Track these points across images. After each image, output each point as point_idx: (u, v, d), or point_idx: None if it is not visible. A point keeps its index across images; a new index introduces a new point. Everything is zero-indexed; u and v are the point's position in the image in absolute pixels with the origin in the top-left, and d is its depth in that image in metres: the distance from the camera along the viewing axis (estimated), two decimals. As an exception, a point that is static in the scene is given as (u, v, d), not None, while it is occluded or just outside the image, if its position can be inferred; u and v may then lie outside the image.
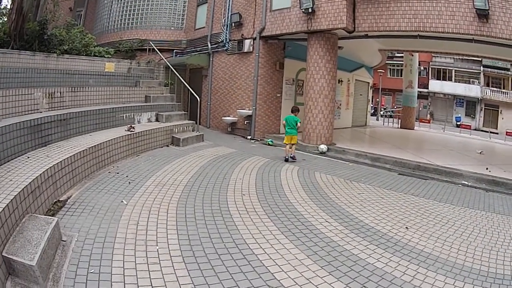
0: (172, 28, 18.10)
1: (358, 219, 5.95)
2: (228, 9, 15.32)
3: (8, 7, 12.31)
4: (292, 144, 10.38)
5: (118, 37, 18.34)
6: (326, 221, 5.73)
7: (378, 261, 4.51)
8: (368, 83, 23.80)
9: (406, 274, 4.24)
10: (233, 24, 15.05)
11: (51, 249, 3.83)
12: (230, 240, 4.73)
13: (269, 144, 13.16)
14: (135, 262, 3.96)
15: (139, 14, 18.50)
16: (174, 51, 17.72)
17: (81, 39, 12.71)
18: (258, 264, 4.15)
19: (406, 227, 5.76)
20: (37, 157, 5.82)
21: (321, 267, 4.24)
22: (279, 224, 5.45)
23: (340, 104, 19.77)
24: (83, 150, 6.76)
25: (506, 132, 29.30)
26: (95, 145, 7.30)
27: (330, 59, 12.44)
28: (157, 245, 4.38)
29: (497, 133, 33.85)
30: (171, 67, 14.61)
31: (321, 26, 11.88)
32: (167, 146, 10.77)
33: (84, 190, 6.12)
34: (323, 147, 11.73)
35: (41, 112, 7.66)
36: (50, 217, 4.49)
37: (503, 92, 40.27)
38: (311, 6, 11.67)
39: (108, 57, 13.44)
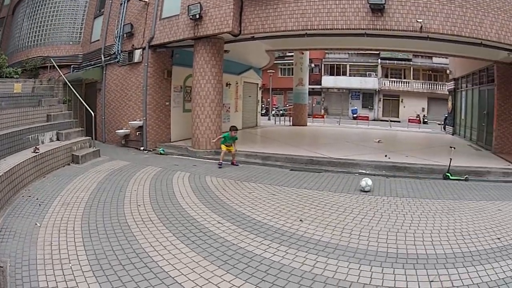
0: (71, 43, 17.85)
1: (251, 217, 6.25)
2: (122, 19, 15.44)
3: None
4: (229, 152, 11.37)
5: (25, 55, 17.84)
6: (219, 222, 6.05)
7: (275, 255, 4.78)
8: (257, 84, 24.76)
9: (305, 264, 4.49)
10: (125, 35, 15.37)
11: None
12: (131, 250, 4.98)
13: (160, 153, 13.68)
14: (55, 281, 4.15)
15: (44, 31, 18.01)
16: (72, 66, 17.45)
17: (-6, 60, 12.09)
18: (159, 271, 4.39)
19: (300, 220, 6.02)
20: None
21: (218, 266, 4.50)
22: (174, 230, 5.75)
23: (229, 108, 20.38)
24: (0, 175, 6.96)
25: (409, 119, 31.82)
26: (9, 170, 7.48)
27: (215, 63, 12.94)
28: (70, 263, 4.59)
29: (399, 121, 36.74)
30: (68, 83, 14.66)
31: (207, 31, 12.30)
32: (69, 164, 10.96)
33: (6, 216, 6.38)
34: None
35: None
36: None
37: (403, 81, 43.68)
38: (199, 12, 12.00)
39: (16, 78, 13.29)
